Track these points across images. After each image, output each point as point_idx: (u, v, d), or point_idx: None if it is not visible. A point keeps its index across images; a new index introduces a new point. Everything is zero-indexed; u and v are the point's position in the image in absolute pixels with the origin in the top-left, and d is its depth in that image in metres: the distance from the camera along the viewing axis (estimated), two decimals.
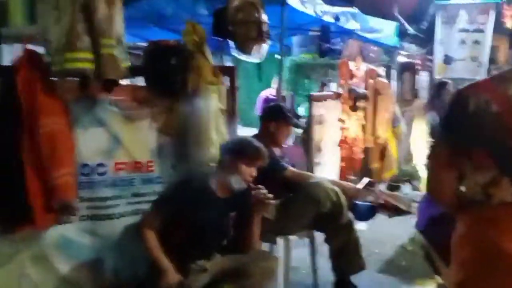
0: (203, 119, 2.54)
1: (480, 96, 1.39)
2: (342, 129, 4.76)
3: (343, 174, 4.94)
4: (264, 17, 2.78)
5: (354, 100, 4.75)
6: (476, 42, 7.31)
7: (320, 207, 2.68)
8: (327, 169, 4.72)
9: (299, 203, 2.71)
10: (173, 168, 2.61)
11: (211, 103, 2.56)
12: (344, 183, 3.11)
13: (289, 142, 5.41)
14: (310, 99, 4.27)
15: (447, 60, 7.33)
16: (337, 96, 4.80)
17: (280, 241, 2.76)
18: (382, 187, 5.67)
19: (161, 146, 2.59)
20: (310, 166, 4.25)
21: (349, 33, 5.12)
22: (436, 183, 1.55)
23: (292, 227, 2.76)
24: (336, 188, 2.76)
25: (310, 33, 5.55)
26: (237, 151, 2.36)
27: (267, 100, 6.72)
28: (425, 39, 8.43)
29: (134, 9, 4.18)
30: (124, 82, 2.56)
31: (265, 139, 2.78)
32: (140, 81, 2.64)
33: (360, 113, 5.11)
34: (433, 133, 4.33)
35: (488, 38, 7.12)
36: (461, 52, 7.34)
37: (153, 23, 4.55)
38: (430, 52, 8.22)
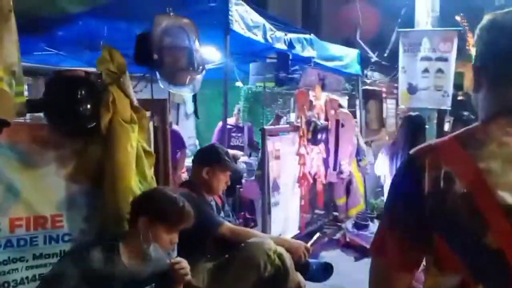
0: (120, 164, 2.12)
1: (440, 168, 0.96)
2: (301, 164, 4.38)
3: (304, 212, 4.56)
4: (197, 44, 2.37)
5: (313, 132, 4.39)
6: (440, 70, 7.10)
7: (260, 272, 2.24)
8: (287, 209, 4.33)
9: (236, 268, 2.27)
10: (85, 223, 2.18)
11: (130, 145, 2.14)
12: (291, 240, 2.66)
13: (248, 177, 5.04)
14: (263, 133, 3.88)
15: (411, 89, 7.08)
16: (295, 128, 4.43)
17: None
18: (348, 225, 5.31)
19: (70, 196, 2.16)
20: (267, 207, 3.85)
21: (307, 61, 4.80)
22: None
23: None
24: (280, 249, 2.32)
25: (268, 60, 5.21)
26: (155, 212, 1.89)
27: (222, 130, 6.32)
28: (389, 67, 8.28)
29: (68, 31, 3.84)
30: (21, 119, 2.15)
31: (199, 187, 2.37)
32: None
33: (321, 147, 4.77)
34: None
35: (452, 67, 6.93)
36: (424, 81, 7.11)
37: (88, 47, 4.17)
38: (395, 80, 8.05)
